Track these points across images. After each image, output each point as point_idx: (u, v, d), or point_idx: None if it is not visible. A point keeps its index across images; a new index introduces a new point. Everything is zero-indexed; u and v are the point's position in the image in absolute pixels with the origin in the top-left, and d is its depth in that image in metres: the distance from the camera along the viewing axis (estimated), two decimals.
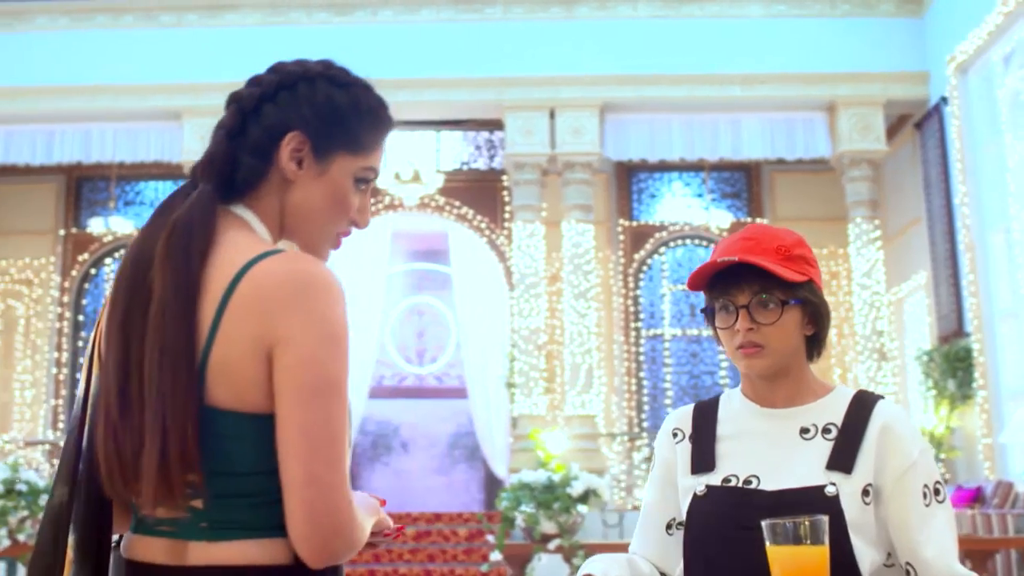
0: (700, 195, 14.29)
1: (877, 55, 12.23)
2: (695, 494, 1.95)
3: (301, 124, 1.64)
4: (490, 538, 9.89)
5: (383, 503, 1.75)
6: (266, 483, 1.49)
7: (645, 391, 14.01)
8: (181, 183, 1.71)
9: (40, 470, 12.72)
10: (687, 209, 14.27)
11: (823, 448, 1.91)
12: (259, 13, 12.73)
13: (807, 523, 1.63)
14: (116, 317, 1.55)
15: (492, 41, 12.53)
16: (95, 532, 1.60)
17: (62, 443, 1.53)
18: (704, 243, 14.14)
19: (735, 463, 1.96)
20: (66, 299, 14.27)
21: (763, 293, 1.92)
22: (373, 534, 1.70)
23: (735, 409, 2.03)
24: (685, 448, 2.04)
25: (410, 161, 13.51)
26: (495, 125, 13.45)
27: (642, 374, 14.07)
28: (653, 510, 2.07)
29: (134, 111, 12.65)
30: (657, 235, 14.17)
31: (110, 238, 14.25)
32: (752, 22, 12.38)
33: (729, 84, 12.25)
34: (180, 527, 1.52)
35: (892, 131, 12.88)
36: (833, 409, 1.96)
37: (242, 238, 1.58)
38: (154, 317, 1.50)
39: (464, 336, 14.72)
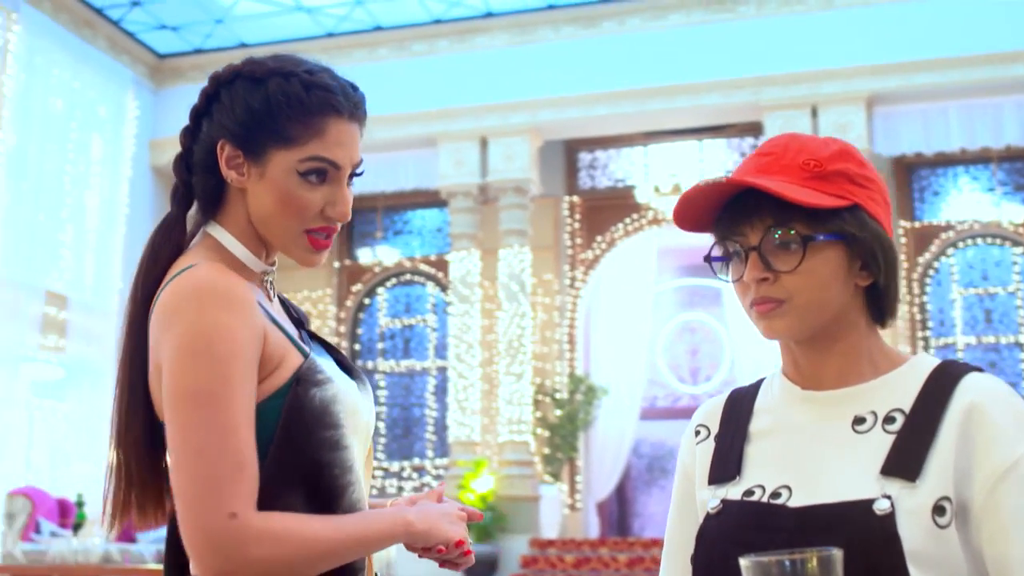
0: (990, 189, 12.98)
1: None
2: (708, 512, 1.43)
3: (226, 132, 1.61)
4: None
5: (478, 516, 1.68)
6: None
7: None
8: (441, 210, 1.63)
9: None
10: (976, 205, 12.99)
11: (882, 445, 1.35)
12: (507, 34, 12.66)
13: (814, 561, 1.08)
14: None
15: (746, 40, 11.90)
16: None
17: None
18: (997, 241, 12.84)
19: (765, 468, 1.42)
20: (343, 329, 14.66)
21: (778, 228, 1.37)
22: (425, 550, 1.60)
23: (774, 395, 1.50)
24: (706, 450, 1.52)
25: (671, 172, 13.06)
26: (759, 130, 12.77)
27: None
28: (673, 538, 1.56)
29: (392, 140, 12.84)
30: (943, 235, 12.99)
31: (379, 268, 14.57)
32: None
33: (1013, 62, 11.05)
34: None
35: None
36: (902, 389, 1.39)
37: (185, 259, 1.59)
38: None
39: (738, 353, 14.05)
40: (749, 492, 1.41)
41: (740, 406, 1.53)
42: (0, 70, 11.08)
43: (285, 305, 1.77)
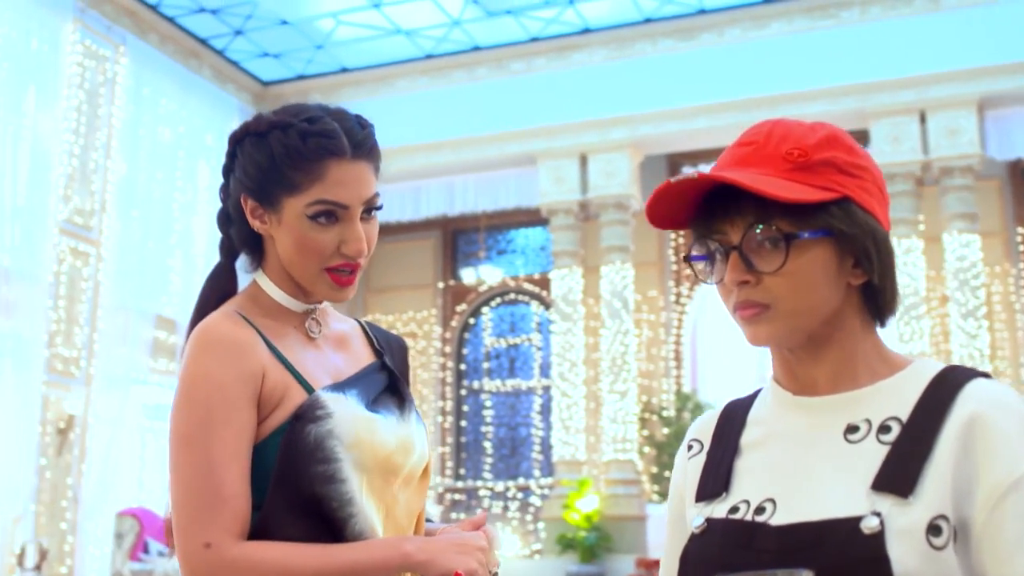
0: None
1: None
2: (692, 532, 1.31)
3: (244, 187, 1.71)
4: None
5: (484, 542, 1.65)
6: None
7: None
8: (544, 228, 1.68)
9: None
10: None
11: (875, 456, 1.22)
12: (605, 49, 12.58)
13: None
14: None
15: (850, 46, 11.61)
16: None
17: None
18: None
19: (753, 483, 1.30)
20: (448, 349, 14.70)
21: (759, 225, 1.25)
22: None
23: (767, 404, 1.37)
24: (697, 465, 1.40)
25: None
26: (866, 138, 12.43)
27: None
28: (667, 562, 1.44)
29: (492, 160, 12.88)
30: None
31: (484, 287, 14.57)
32: None
33: None
34: None
35: None
36: (901, 395, 1.25)
37: (223, 307, 1.73)
38: None
39: None
40: (734, 509, 1.28)
41: (734, 418, 1.40)
42: (109, 101, 11.39)
43: (368, 333, 1.86)
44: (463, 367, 14.82)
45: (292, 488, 1.58)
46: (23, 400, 9.98)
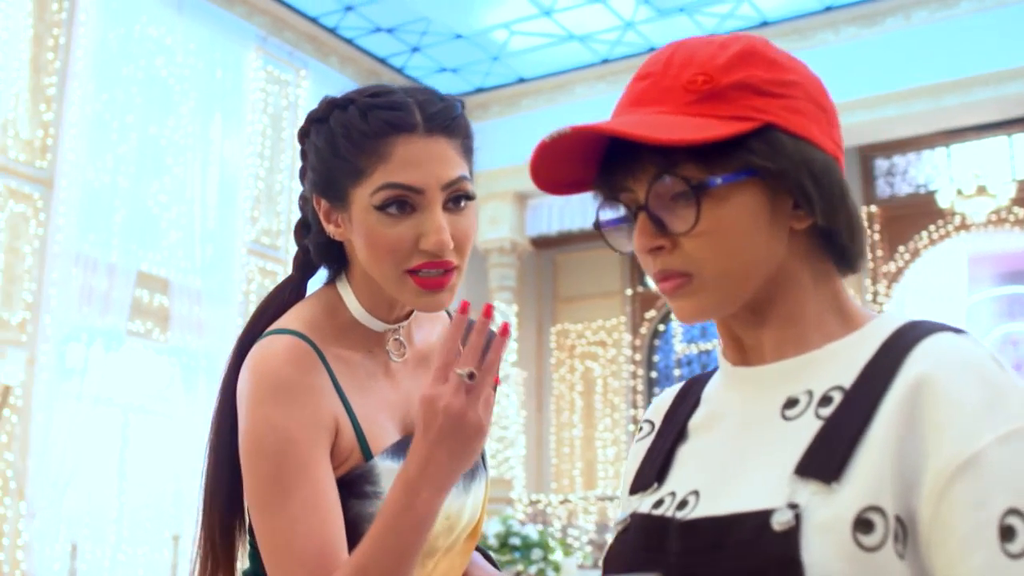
0: None
1: None
2: (616, 530, 1.11)
3: (314, 187, 1.48)
4: None
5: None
6: None
7: None
8: None
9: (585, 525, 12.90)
10: None
11: (810, 435, 0.99)
12: (784, 40, 12.12)
13: None
14: None
15: None
16: None
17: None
18: None
19: (684, 473, 1.10)
20: (638, 357, 14.48)
21: (664, 176, 1.02)
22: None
23: (716, 378, 1.18)
24: (640, 450, 1.21)
25: (975, 172, 12.07)
26: None
27: None
28: None
29: None
30: None
31: None
32: None
33: None
34: None
35: None
36: (851, 359, 1.02)
37: (286, 317, 1.50)
38: None
39: None
40: (659, 503, 1.08)
41: (689, 396, 1.20)
42: (292, 124, 11.72)
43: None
44: (654, 375, 14.56)
45: None
46: None
